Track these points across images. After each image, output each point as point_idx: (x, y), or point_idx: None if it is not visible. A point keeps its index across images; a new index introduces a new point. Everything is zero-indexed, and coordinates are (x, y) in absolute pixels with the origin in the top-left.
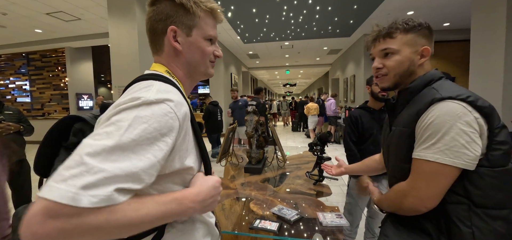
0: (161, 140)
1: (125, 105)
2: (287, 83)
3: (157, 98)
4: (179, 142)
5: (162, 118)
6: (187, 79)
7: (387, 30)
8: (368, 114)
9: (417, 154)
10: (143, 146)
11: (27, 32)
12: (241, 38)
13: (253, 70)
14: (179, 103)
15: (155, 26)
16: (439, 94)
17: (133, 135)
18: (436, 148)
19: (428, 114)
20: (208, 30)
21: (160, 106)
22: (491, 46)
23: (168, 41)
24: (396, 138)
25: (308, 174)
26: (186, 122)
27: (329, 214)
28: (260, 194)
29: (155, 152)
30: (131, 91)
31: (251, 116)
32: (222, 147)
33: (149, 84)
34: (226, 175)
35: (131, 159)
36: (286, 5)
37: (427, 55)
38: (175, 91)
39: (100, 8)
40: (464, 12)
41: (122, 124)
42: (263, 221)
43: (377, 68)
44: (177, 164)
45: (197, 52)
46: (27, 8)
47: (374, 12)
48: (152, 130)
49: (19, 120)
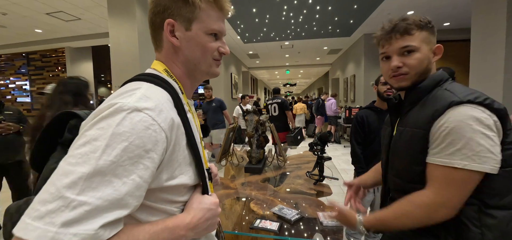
0: (146, 157)
1: (101, 114)
2: (287, 83)
3: (136, 106)
4: (167, 155)
5: (144, 133)
6: (188, 79)
7: (405, 26)
8: (375, 115)
9: (441, 160)
10: (126, 167)
11: (27, 32)
12: (241, 38)
13: (253, 70)
14: (162, 111)
15: (154, 20)
16: (456, 96)
17: (112, 157)
18: (462, 154)
19: (447, 118)
20: (210, 23)
21: (140, 118)
22: (491, 48)
23: (165, 36)
24: (405, 139)
25: (309, 174)
26: (175, 131)
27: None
28: (261, 194)
29: (141, 171)
30: (114, 95)
31: (251, 115)
32: (222, 146)
33: (137, 86)
34: (226, 175)
35: (113, 184)
36: (286, 5)
37: (439, 54)
38: (158, 97)
39: (100, 8)
40: (465, 12)
41: (98, 143)
42: (263, 221)
43: (397, 67)
44: (165, 178)
45: (197, 48)
46: (27, 8)
47: (374, 12)
48: (134, 148)
49: (19, 120)
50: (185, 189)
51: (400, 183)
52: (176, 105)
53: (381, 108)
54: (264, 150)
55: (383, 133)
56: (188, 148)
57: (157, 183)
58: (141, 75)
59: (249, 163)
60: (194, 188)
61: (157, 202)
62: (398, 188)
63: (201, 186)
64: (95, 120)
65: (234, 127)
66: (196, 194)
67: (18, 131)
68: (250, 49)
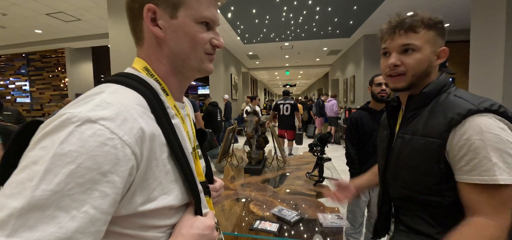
0: (103, 182)
1: (46, 129)
2: (287, 84)
3: (89, 116)
4: (139, 174)
5: (99, 150)
6: (175, 77)
7: (411, 22)
8: (369, 115)
9: (481, 178)
10: (75, 196)
11: (27, 33)
12: (241, 39)
13: (253, 70)
14: (126, 120)
15: (131, 5)
16: (471, 104)
17: (54, 185)
18: (499, 168)
19: (471, 130)
20: (201, 9)
21: (93, 131)
22: (490, 51)
23: (146, 26)
24: (416, 148)
25: (308, 175)
26: (148, 143)
27: (329, 215)
28: (260, 195)
29: (96, 201)
30: (70, 103)
31: (251, 116)
32: (221, 147)
33: (100, 90)
34: (226, 176)
35: (57, 220)
36: (286, 6)
37: (443, 57)
38: (123, 103)
39: (100, 8)
40: (464, 13)
41: (37, 168)
42: (263, 222)
43: (394, 64)
44: (140, 202)
45: (185, 39)
46: (27, 9)
47: (374, 13)
48: (84, 171)
49: (18, 121)
50: (172, 211)
51: (408, 194)
52: (154, 110)
53: (375, 109)
54: (264, 151)
55: (379, 136)
56: (172, 161)
57: (130, 209)
58: (113, 76)
59: (249, 164)
60: (186, 206)
61: (135, 229)
62: (405, 198)
63: (193, 205)
64: (38, 137)
65: (234, 128)
66: (187, 215)
67: None
68: (250, 50)
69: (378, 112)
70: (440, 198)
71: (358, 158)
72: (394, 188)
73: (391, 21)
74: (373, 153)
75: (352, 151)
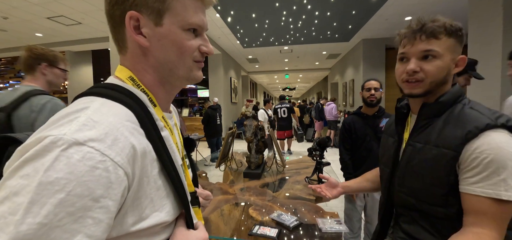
0: (96, 208)
1: (26, 154)
2: (287, 87)
3: (76, 138)
4: (131, 195)
5: (90, 175)
6: (162, 87)
7: (433, 28)
8: (361, 120)
9: (486, 191)
10: (65, 226)
11: (28, 36)
12: (240, 43)
13: (253, 74)
14: (117, 140)
15: (112, 12)
16: (487, 118)
17: (41, 217)
18: (507, 184)
19: (486, 144)
20: (187, 16)
21: (82, 155)
22: (488, 55)
23: (129, 35)
24: (428, 158)
25: (307, 179)
26: (141, 162)
27: (328, 220)
28: (259, 200)
29: (89, 229)
30: (49, 121)
31: (250, 120)
32: (221, 151)
33: (84, 105)
34: (225, 180)
35: None
36: (285, 10)
37: (462, 66)
38: (111, 120)
39: (100, 12)
40: (462, 18)
41: (20, 200)
42: (262, 227)
43: (413, 71)
44: (132, 222)
45: (172, 48)
46: (28, 12)
47: (372, 17)
48: (74, 200)
49: None
50: (162, 228)
51: (414, 203)
52: (143, 125)
53: (367, 114)
54: (263, 155)
55: (384, 143)
56: (163, 177)
57: (121, 230)
58: (95, 87)
59: (248, 168)
60: (176, 221)
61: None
62: (410, 207)
63: (184, 217)
64: (17, 164)
65: (233, 132)
66: (179, 229)
67: None
68: (250, 53)
69: (370, 116)
70: (445, 209)
71: (352, 163)
72: (399, 195)
73: (412, 25)
74: (367, 157)
75: (345, 156)
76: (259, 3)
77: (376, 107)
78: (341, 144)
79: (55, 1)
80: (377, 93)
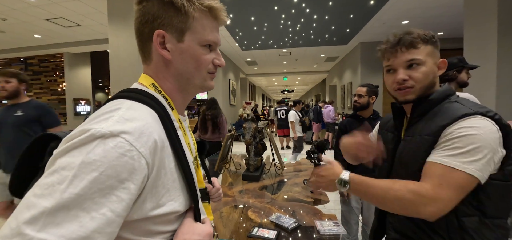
0: (120, 188)
1: (72, 141)
2: (285, 90)
3: (111, 131)
4: (150, 182)
5: (119, 161)
6: (179, 94)
7: (411, 40)
8: (357, 123)
9: (446, 160)
10: (95, 199)
11: (26, 37)
12: (239, 45)
13: (251, 76)
14: (142, 134)
15: (141, 30)
16: (468, 108)
17: (79, 189)
18: (465, 158)
19: (460, 125)
20: (205, 34)
21: (115, 143)
22: (483, 59)
23: (155, 49)
24: (412, 146)
25: (306, 181)
26: (160, 154)
27: (327, 222)
28: (258, 202)
29: (113, 205)
30: (90, 117)
31: (249, 123)
32: (220, 154)
33: (117, 106)
34: (224, 182)
35: (80, 220)
36: (284, 13)
37: (443, 68)
38: (140, 117)
39: (100, 14)
40: (458, 22)
41: (66, 173)
42: (261, 229)
43: (403, 80)
44: (150, 207)
45: (191, 61)
46: (27, 14)
47: (370, 21)
48: (105, 179)
49: None
50: (175, 217)
51: None
52: (164, 123)
53: (363, 117)
54: (262, 158)
55: (384, 138)
56: (178, 171)
57: (140, 214)
58: (124, 92)
59: (247, 170)
60: (185, 214)
61: (141, 235)
62: None
63: (193, 211)
64: (66, 147)
65: (232, 134)
66: (188, 221)
67: None
68: (248, 56)
69: (366, 119)
70: None
71: (347, 164)
72: None
73: (390, 40)
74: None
75: (340, 157)
76: (258, 6)
77: (369, 111)
78: (337, 146)
79: (54, 3)
80: (360, 99)
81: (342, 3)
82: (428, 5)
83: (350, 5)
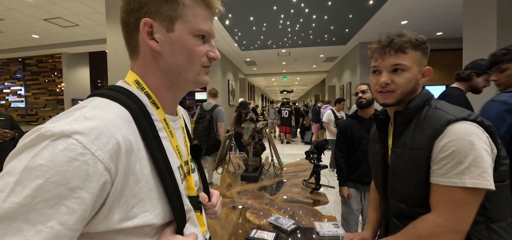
0: (71, 198)
1: (24, 141)
2: (284, 90)
3: (63, 131)
4: (115, 190)
5: (68, 166)
6: (169, 90)
7: (400, 44)
8: (358, 123)
9: (450, 180)
10: (41, 210)
11: (24, 38)
12: (238, 46)
13: (251, 76)
14: (101, 135)
15: (127, 19)
16: (450, 115)
17: (21, 198)
18: (470, 172)
19: (449, 137)
20: (197, 23)
21: (65, 146)
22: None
23: (142, 40)
24: (407, 161)
25: (305, 182)
26: (126, 158)
27: (326, 224)
28: (257, 203)
29: (63, 217)
30: (53, 117)
31: (248, 123)
32: (218, 154)
33: (84, 104)
34: (222, 183)
35: (23, 233)
36: (283, 13)
37: (428, 76)
38: (103, 117)
39: (98, 14)
40: (457, 22)
41: (9, 179)
42: (259, 231)
43: (385, 83)
44: (118, 219)
45: (182, 53)
46: (24, 14)
47: (369, 21)
48: (51, 186)
49: (12, 127)
50: (152, 230)
51: (406, 208)
52: (139, 124)
53: (364, 117)
54: (261, 158)
55: (371, 150)
56: (156, 177)
57: (107, 226)
58: (102, 89)
59: (246, 171)
60: (168, 225)
61: None
62: (404, 214)
63: (174, 224)
64: (17, 148)
65: (230, 134)
66: (166, 235)
67: (13, 138)
68: (247, 56)
69: (366, 120)
70: None
71: (347, 166)
72: (392, 203)
73: (381, 41)
74: (363, 161)
75: (340, 159)
76: (257, 6)
77: (371, 110)
78: (337, 147)
79: (52, 3)
80: (365, 95)
81: (341, 3)
82: (427, 5)
83: (349, 5)
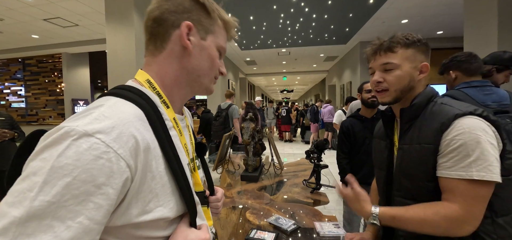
0: (97, 194)
1: (46, 140)
2: (285, 89)
3: (86, 130)
4: (134, 186)
5: (94, 164)
6: (181, 90)
7: (388, 44)
8: (360, 123)
9: (462, 173)
10: (70, 207)
11: (24, 38)
12: (238, 45)
13: (251, 76)
14: (119, 134)
15: (166, 17)
16: (457, 109)
17: (51, 196)
18: (478, 166)
19: (457, 130)
20: (221, 41)
21: (89, 145)
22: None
23: (177, 38)
24: (414, 156)
25: (305, 182)
26: (143, 156)
27: (327, 224)
28: (257, 203)
29: (90, 212)
30: (72, 115)
31: (247, 123)
32: (218, 154)
33: (100, 103)
34: (222, 183)
35: (53, 230)
36: (283, 13)
37: (426, 71)
38: (120, 116)
39: (97, 14)
40: (457, 21)
41: (36, 179)
42: (259, 231)
43: (377, 82)
44: (136, 213)
45: (208, 59)
46: (24, 14)
47: (369, 20)
48: (79, 184)
49: (12, 127)
50: (167, 223)
51: (412, 204)
52: (152, 123)
53: (366, 117)
54: (261, 158)
55: (376, 147)
56: (168, 174)
57: (125, 220)
58: (114, 88)
59: (246, 171)
60: (181, 218)
61: (129, 239)
62: None
63: (188, 217)
64: (39, 148)
65: (230, 134)
66: (182, 227)
67: (12, 138)
68: (248, 56)
69: (369, 119)
70: None
71: (350, 167)
72: (397, 199)
73: (373, 45)
74: (366, 161)
75: (343, 160)
76: (256, 6)
77: (375, 109)
78: (339, 147)
79: (52, 3)
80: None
81: (341, 2)
82: (427, 4)
83: (349, 4)
